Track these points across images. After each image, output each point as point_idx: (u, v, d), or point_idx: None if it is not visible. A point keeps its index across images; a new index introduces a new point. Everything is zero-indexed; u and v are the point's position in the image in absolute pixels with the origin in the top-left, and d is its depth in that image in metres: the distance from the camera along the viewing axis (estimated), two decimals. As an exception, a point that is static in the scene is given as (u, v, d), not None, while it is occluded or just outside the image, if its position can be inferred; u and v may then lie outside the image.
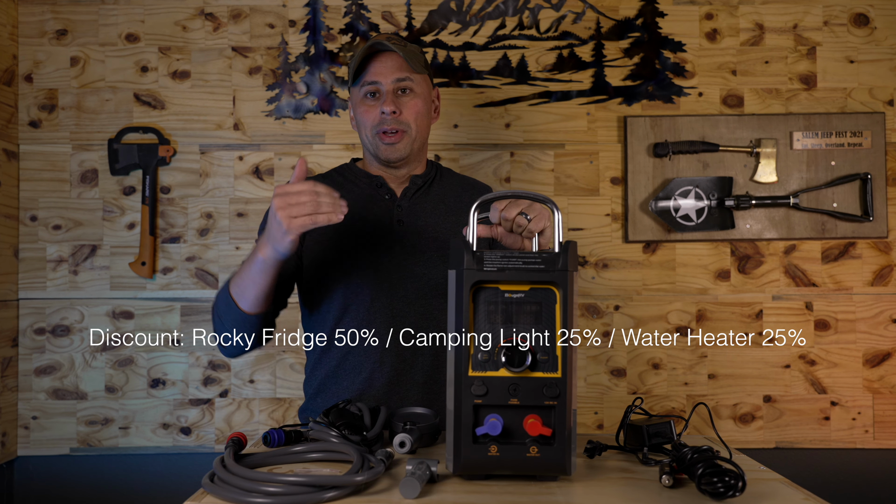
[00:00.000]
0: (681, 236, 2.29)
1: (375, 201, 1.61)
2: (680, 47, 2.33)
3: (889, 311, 2.30)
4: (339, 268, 1.57)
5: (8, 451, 2.23)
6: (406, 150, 1.58)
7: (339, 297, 1.57)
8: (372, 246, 1.57)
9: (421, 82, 1.59)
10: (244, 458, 1.12)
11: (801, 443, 2.29)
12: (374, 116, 1.56)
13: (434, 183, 1.67)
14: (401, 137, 1.57)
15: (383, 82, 1.55)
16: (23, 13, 2.31)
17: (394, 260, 1.56)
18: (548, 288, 1.07)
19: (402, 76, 1.55)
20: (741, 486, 0.95)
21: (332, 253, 1.57)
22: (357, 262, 1.56)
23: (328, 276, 1.58)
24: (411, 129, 1.57)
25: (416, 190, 1.63)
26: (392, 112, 1.54)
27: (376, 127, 1.56)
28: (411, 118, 1.57)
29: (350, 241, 1.57)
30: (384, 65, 1.55)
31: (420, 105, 1.58)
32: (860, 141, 2.29)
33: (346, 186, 1.64)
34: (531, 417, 1.04)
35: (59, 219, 2.30)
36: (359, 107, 1.59)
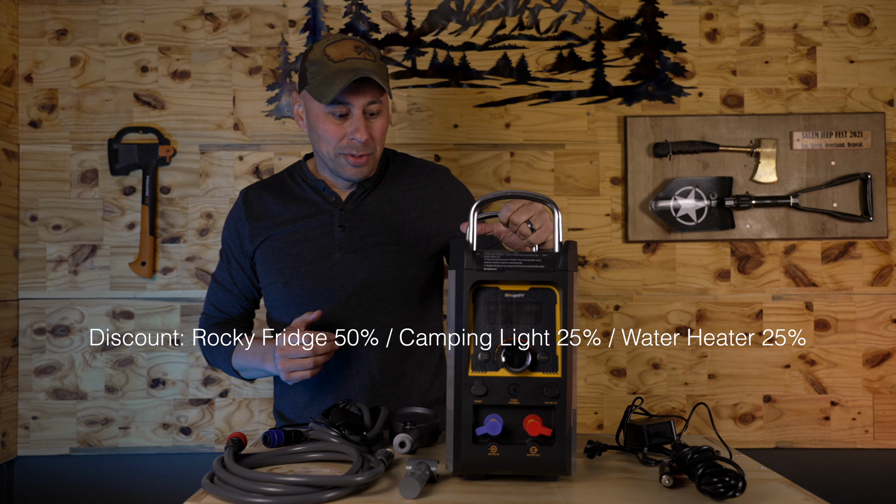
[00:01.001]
0: (681, 236, 2.29)
1: (319, 207, 1.59)
2: (680, 47, 2.33)
3: (889, 311, 2.30)
4: (282, 278, 1.57)
5: (8, 451, 2.23)
6: (370, 169, 1.57)
7: (286, 305, 1.59)
8: (312, 255, 1.56)
9: (385, 100, 1.55)
10: (244, 459, 1.12)
11: (801, 443, 2.29)
12: (341, 136, 1.50)
13: (382, 181, 1.63)
14: (367, 160, 1.53)
15: (355, 105, 1.48)
16: (23, 13, 2.31)
17: (334, 268, 1.55)
18: (548, 288, 1.07)
19: (374, 100, 1.49)
20: (741, 486, 0.95)
21: (277, 262, 1.58)
22: (296, 272, 1.56)
23: (275, 284, 1.59)
24: (376, 151, 1.54)
25: (361, 193, 1.59)
26: (365, 140, 1.49)
27: (343, 149, 1.51)
28: (378, 140, 1.54)
29: (293, 250, 1.57)
30: (359, 89, 1.47)
31: (384, 124, 1.55)
32: (860, 141, 2.29)
33: (292, 191, 1.62)
34: (531, 417, 1.04)
35: (59, 219, 2.30)
36: (322, 121, 1.51)
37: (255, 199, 1.63)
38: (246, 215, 1.61)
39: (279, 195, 1.62)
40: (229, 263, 1.66)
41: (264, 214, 1.60)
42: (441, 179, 1.66)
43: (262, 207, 1.61)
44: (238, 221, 1.63)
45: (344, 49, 1.48)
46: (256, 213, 1.61)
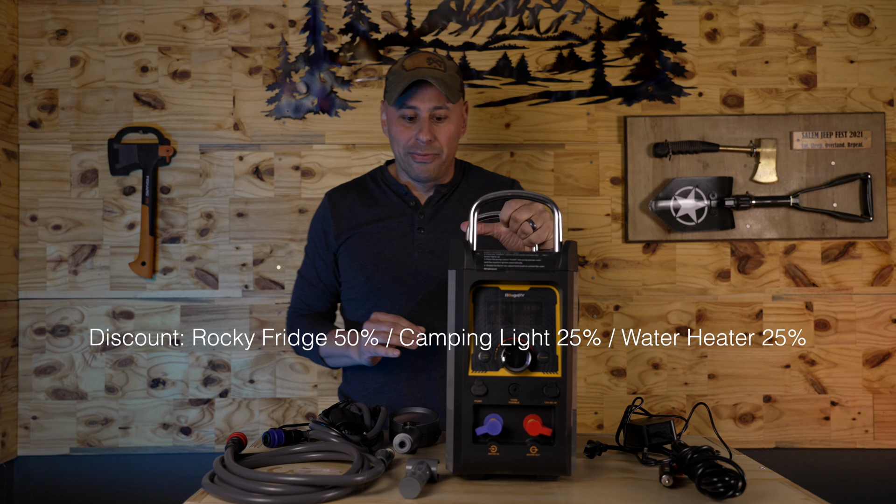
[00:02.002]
0: (681, 236, 2.29)
1: (400, 209, 1.72)
2: (680, 47, 2.33)
3: (889, 311, 2.30)
4: (364, 273, 1.68)
5: (8, 451, 2.23)
6: (436, 171, 1.69)
7: (365, 301, 1.69)
8: (394, 253, 1.67)
9: (456, 108, 1.68)
10: (244, 458, 1.12)
11: (801, 443, 2.29)
12: (409, 137, 1.66)
13: (458, 188, 1.76)
14: (433, 160, 1.66)
15: (422, 108, 1.63)
16: (23, 13, 2.31)
17: (412, 266, 1.66)
18: (548, 288, 1.07)
19: (440, 105, 1.63)
20: (741, 486, 0.95)
21: (360, 258, 1.69)
22: (379, 267, 1.67)
23: (356, 278, 1.70)
24: (443, 153, 1.67)
25: (439, 198, 1.72)
26: (428, 140, 1.63)
27: (410, 148, 1.66)
28: (444, 143, 1.66)
29: (375, 247, 1.69)
30: (425, 93, 1.63)
31: (453, 130, 1.67)
32: (860, 141, 2.29)
33: (375, 194, 1.76)
34: (531, 417, 1.04)
35: (59, 219, 2.30)
36: (395, 124, 1.68)
37: (340, 200, 1.77)
38: (332, 214, 1.75)
39: (363, 197, 1.76)
40: (314, 260, 1.79)
41: (349, 214, 1.74)
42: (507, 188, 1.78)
43: (346, 207, 1.75)
44: (324, 220, 1.77)
45: (417, 60, 1.65)
46: (341, 212, 1.75)
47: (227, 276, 2.30)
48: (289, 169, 2.31)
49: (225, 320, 2.30)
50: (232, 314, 2.30)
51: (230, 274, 2.30)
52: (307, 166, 2.32)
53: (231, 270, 2.30)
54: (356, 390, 1.73)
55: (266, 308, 2.30)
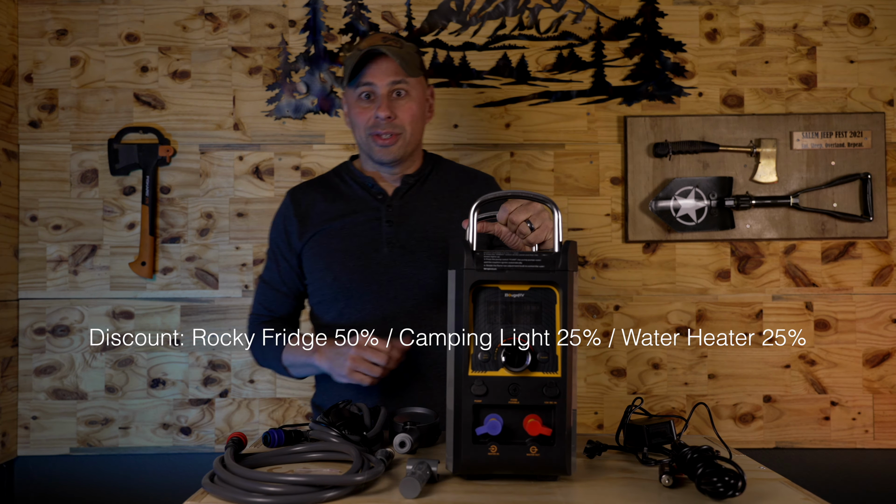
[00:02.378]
0: (681, 236, 2.29)
1: (366, 203, 1.64)
2: (680, 47, 2.33)
3: (889, 311, 2.30)
4: (331, 272, 1.60)
5: (8, 451, 2.23)
6: (400, 151, 1.60)
7: (334, 299, 1.61)
8: (362, 248, 1.59)
9: (416, 85, 1.60)
10: (244, 458, 1.12)
11: (801, 443, 2.29)
12: (369, 118, 1.58)
13: (428, 179, 1.68)
14: (395, 140, 1.58)
15: (378, 84, 1.56)
16: (23, 13, 2.31)
17: (382, 261, 1.58)
18: (548, 288, 1.07)
19: (397, 79, 1.56)
20: (741, 485, 0.95)
21: (326, 257, 1.61)
22: (346, 265, 1.59)
23: (323, 279, 1.62)
24: (406, 131, 1.59)
25: (407, 189, 1.64)
26: (387, 117, 1.56)
27: (370, 129, 1.58)
28: (406, 121, 1.58)
29: (341, 243, 1.60)
30: (379, 68, 1.56)
31: (415, 108, 1.59)
32: (860, 141, 2.29)
33: (339, 188, 1.68)
34: (531, 417, 1.04)
35: (59, 219, 2.30)
36: (353, 107, 1.61)
37: (303, 197, 1.68)
38: (294, 213, 1.66)
39: (326, 193, 1.67)
40: (277, 263, 1.69)
41: (312, 211, 1.65)
42: (486, 186, 1.71)
43: (309, 205, 1.66)
44: (286, 220, 1.68)
45: (372, 39, 1.59)
46: (304, 210, 1.66)
47: (227, 276, 2.30)
48: (289, 169, 2.31)
49: (225, 320, 2.30)
50: (232, 314, 2.30)
51: (230, 274, 2.30)
52: (307, 166, 2.31)
53: (231, 270, 2.30)
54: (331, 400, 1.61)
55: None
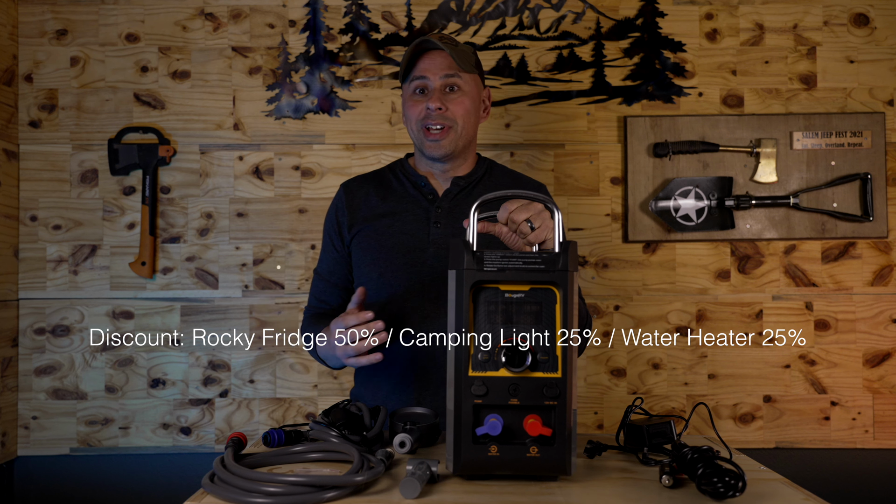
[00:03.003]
0: (681, 236, 2.29)
1: (417, 202, 1.64)
2: (680, 47, 2.33)
3: (889, 311, 2.30)
4: (377, 268, 1.61)
5: (8, 451, 2.23)
6: (451, 146, 1.60)
7: (377, 295, 1.61)
8: (409, 246, 1.60)
9: (470, 81, 1.60)
10: (244, 458, 1.12)
11: (801, 443, 2.29)
12: (420, 111, 1.58)
13: (480, 183, 1.67)
14: (446, 134, 1.58)
15: (431, 78, 1.57)
16: (23, 13, 2.31)
17: (427, 261, 1.58)
18: (548, 288, 1.06)
19: (450, 73, 1.57)
20: (741, 486, 0.95)
21: (373, 252, 1.62)
22: (392, 262, 1.59)
23: (369, 274, 1.62)
24: (457, 125, 1.58)
25: (458, 191, 1.64)
26: (438, 108, 1.56)
27: (421, 121, 1.59)
28: (458, 115, 1.58)
29: (389, 240, 1.61)
30: (433, 61, 1.57)
31: (467, 103, 1.59)
32: (860, 141, 2.29)
33: (392, 185, 1.68)
34: (531, 417, 1.04)
35: (59, 219, 2.30)
36: (407, 102, 1.62)
37: (357, 190, 1.69)
38: (346, 204, 1.67)
39: (379, 188, 1.68)
40: (328, 252, 1.71)
41: (364, 205, 1.66)
42: (537, 190, 1.70)
43: (362, 198, 1.67)
44: (339, 210, 1.69)
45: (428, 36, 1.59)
46: (357, 203, 1.67)
47: (227, 276, 2.30)
48: (289, 169, 2.31)
49: (225, 320, 2.30)
50: (232, 314, 2.30)
51: (230, 274, 2.30)
52: (307, 166, 2.31)
53: (231, 270, 2.30)
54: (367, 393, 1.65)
55: (266, 308, 2.30)
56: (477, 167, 1.69)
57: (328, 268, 1.71)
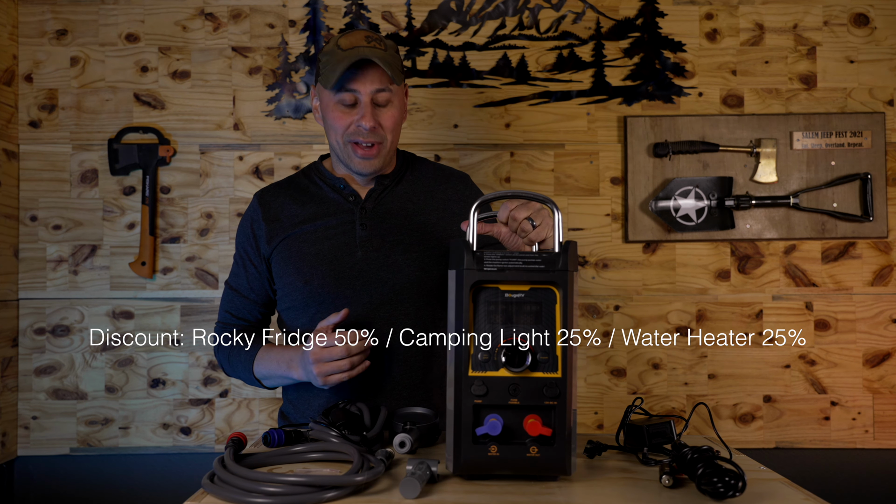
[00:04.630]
0: (681, 236, 2.29)
1: (339, 205, 1.58)
2: (680, 47, 2.33)
3: (889, 311, 2.30)
4: (301, 277, 1.54)
5: (8, 451, 2.23)
6: (380, 163, 1.55)
7: (305, 305, 1.55)
8: (333, 254, 1.53)
9: (398, 92, 1.54)
10: (244, 458, 1.12)
11: (801, 443, 2.29)
12: (348, 123, 1.51)
13: (403, 179, 1.62)
14: (377, 151, 1.52)
15: (363, 92, 1.49)
16: (23, 13, 2.31)
17: (356, 266, 1.52)
18: (548, 288, 1.07)
19: (382, 87, 1.49)
20: (741, 486, 0.95)
21: (297, 261, 1.55)
22: (319, 269, 1.53)
23: (294, 284, 1.56)
24: (386, 140, 1.53)
25: (381, 190, 1.59)
26: (372, 127, 1.50)
27: (350, 136, 1.51)
28: (388, 129, 1.53)
29: (313, 247, 1.55)
30: (366, 75, 1.48)
31: (396, 115, 1.54)
32: (860, 141, 2.29)
33: (309, 190, 1.61)
34: (531, 417, 1.04)
35: (59, 219, 2.30)
36: (331, 111, 1.52)
37: (272, 200, 1.61)
38: (263, 216, 1.59)
39: (296, 195, 1.61)
40: (245, 268, 1.63)
41: (281, 214, 1.59)
42: (462, 184, 1.66)
43: (279, 207, 1.60)
44: (254, 223, 1.61)
45: (354, 39, 1.49)
46: (273, 213, 1.59)
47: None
48: (289, 169, 2.31)
49: (225, 320, 2.29)
50: (232, 314, 2.30)
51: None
52: (307, 166, 2.31)
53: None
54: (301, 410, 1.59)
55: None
56: (399, 164, 1.64)
57: (246, 283, 1.63)
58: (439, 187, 1.64)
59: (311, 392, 1.56)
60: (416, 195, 1.61)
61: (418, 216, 1.58)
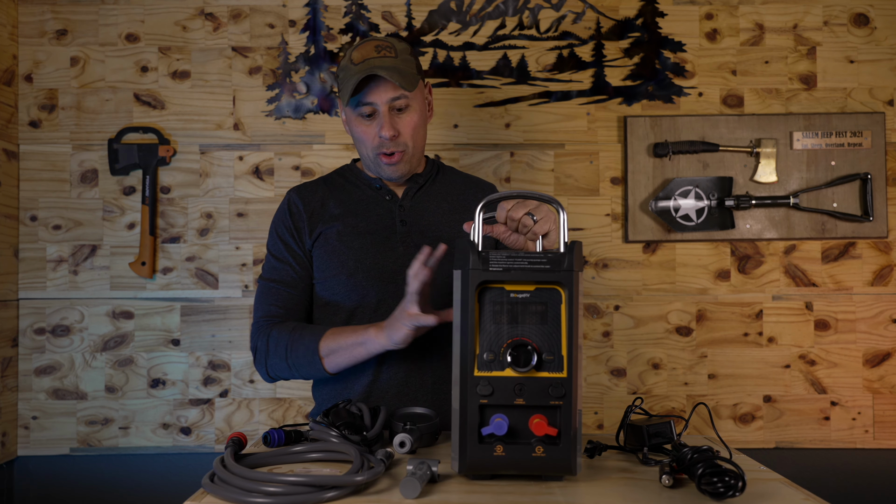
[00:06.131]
0: (681, 236, 2.29)
1: (377, 203, 1.62)
2: (680, 47, 2.33)
3: (889, 311, 2.31)
4: (345, 270, 1.56)
5: (8, 451, 2.23)
6: (406, 167, 1.59)
7: (346, 301, 1.57)
8: (376, 248, 1.56)
9: (416, 94, 1.56)
10: (244, 458, 1.12)
11: (801, 443, 2.29)
12: (373, 136, 1.55)
13: (436, 180, 1.68)
14: (401, 157, 1.56)
15: (379, 103, 1.52)
16: (23, 13, 2.30)
17: (398, 261, 1.55)
18: (553, 288, 1.06)
19: (397, 95, 1.52)
20: (741, 486, 0.95)
21: (340, 255, 1.57)
22: (361, 265, 1.55)
23: (337, 277, 1.57)
24: (409, 147, 1.56)
25: (417, 189, 1.64)
26: (392, 136, 1.53)
27: (376, 149, 1.56)
28: (408, 136, 1.55)
29: (355, 242, 1.57)
30: (378, 87, 1.51)
31: (416, 119, 1.56)
32: (860, 141, 2.29)
33: (346, 188, 1.65)
34: (537, 417, 1.04)
35: (59, 219, 2.30)
36: (355, 124, 1.57)
37: (311, 195, 1.64)
38: (304, 209, 1.61)
39: (333, 192, 1.64)
40: (287, 261, 1.61)
41: (322, 208, 1.62)
42: (491, 192, 1.72)
43: (318, 202, 1.63)
44: (294, 215, 1.62)
45: (365, 50, 1.52)
46: (314, 207, 1.62)
47: (227, 276, 2.30)
48: (289, 169, 2.31)
49: (225, 320, 2.30)
50: (232, 314, 2.30)
51: (230, 274, 2.30)
52: (307, 166, 2.31)
53: (231, 270, 2.30)
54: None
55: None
56: (429, 165, 1.69)
57: (292, 275, 1.60)
58: (469, 191, 1.70)
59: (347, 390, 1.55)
60: (450, 195, 1.66)
61: (454, 214, 1.63)
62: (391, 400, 1.53)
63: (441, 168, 1.72)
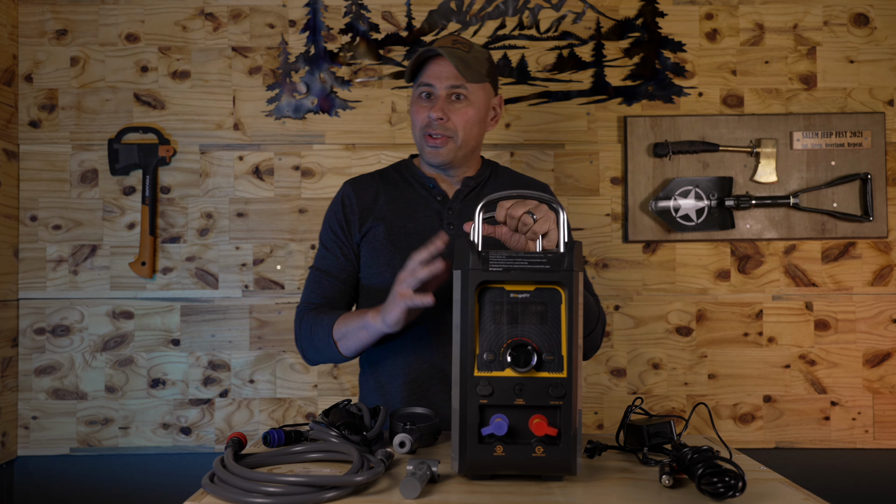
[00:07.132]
0: (681, 236, 2.29)
1: (427, 203, 1.63)
2: (680, 47, 2.33)
3: (889, 311, 2.31)
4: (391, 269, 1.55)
5: (8, 451, 2.23)
6: (449, 155, 1.59)
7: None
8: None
9: (477, 91, 1.58)
10: (244, 458, 1.12)
11: (801, 443, 2.29)
12: (423, 117, 1.57)
13: (487, 184, 1.67)
14: (445, 143, 1.57)
15: (437, 86, 1.56)
16: (23, 13, 2.30)
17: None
18: (553, 288, 1.06)
19: (456, 83, 1.55)
20: (741, 486, 0.95)
21: (387, 252, 1.59)
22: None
23: (382, 274, 1.58)
24: (457, 135, 1.57)
25: (467, 192, 1.63)
26: (439, 118, 1.55)
27: (423, 128, 1.58)
28: (459, 125, 1.57)
29: (402, 243, 1.58)
30: (440, 69, 1.55)
31: (471, 113, 1.58)
32: (860, 141, 2.29)
33: (400, 186, 1.66)
34: (537, 417, 1.04)
35: (59, 219, 2.30)
36: (413, 104, 1.61)
37: (364, 189, 1.65)
38: (357, 202, 1.63)
39: (387, 188, 1.65)
40: (334, 252, 1.63)
41: (373, 204, 1.63)
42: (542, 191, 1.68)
43: (371, 197, 1.64)
44: (346, 207, 1.64)
45: (443, 40, 1.57)
46: (366, 201, 1.63)
47: (227, 276, 2.30)
48: (289, 169, 2.31)
49: (225, 320, 2.30)
50: (232, 314, 2.30)
51: (230, 274, 2.30)
52: (307, 166, 2.31)
53: (231, 270, 2.30)
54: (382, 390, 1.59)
55: (266, 308, 2.30)
56: (483, 168, 1.69)
57: (336, 264, 1.63)
58: None
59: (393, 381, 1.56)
60: None
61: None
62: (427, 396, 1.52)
63: (495, 170, 1.71)
